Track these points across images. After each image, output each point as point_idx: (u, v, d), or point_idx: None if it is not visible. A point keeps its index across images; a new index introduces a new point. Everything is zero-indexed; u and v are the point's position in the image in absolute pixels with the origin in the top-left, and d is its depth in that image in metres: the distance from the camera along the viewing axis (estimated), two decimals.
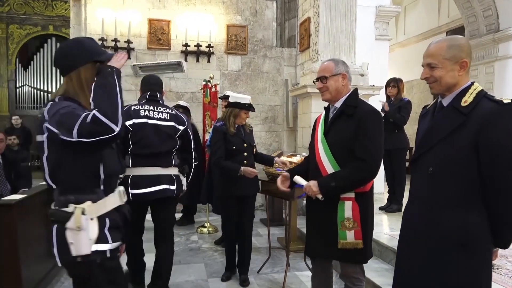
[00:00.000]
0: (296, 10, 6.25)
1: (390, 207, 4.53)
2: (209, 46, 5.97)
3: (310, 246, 2.17)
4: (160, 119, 2.73)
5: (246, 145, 3.23)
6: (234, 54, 6.24)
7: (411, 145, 4.31)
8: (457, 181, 1.46)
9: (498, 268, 2.79)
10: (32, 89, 11.54)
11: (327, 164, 2.01)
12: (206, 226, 4.97)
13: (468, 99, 1.47)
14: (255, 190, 3.35)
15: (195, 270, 3.62)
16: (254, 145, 3.40)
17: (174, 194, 2.74)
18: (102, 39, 5.56)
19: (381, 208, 4.63)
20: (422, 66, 1.58)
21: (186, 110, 4.67)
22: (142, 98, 2.83)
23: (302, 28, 5.81)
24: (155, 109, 2.75)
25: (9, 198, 2.80)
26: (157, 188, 2.65)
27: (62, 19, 11.44)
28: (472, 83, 1.52)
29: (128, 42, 5.68)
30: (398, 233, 1.73)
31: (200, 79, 5.60)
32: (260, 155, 3.46)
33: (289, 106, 6.15)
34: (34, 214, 2.97)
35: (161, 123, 2.72)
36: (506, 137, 1.39)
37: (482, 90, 1.50)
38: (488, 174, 1.42)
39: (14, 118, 8.17)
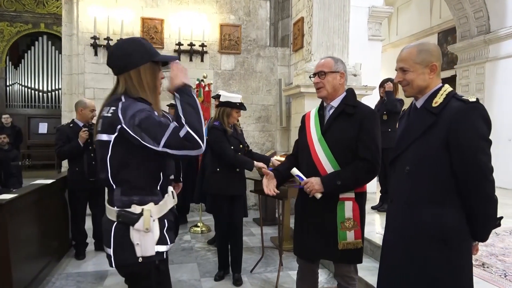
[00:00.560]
0: (289, 10, 6.26)
1: (382, 207, 4.55)
2: (202, 45, 5.95)
3: (305, 248, 2.11)
4: None
5: (241, 145, 3.29)
6: (228, 54, 6.23)
7: None
8: (432, 178, 1.52)
9: (488, 266, 2.83)
10: (22, 87, 11.40)
11: (326, 163, 2.00)
12: (199, 226, 4.96)
13: (438, 100, 1.54)
14: (245, 189, 3.39)
15: (188, 270, 3.61)
16: (246, 145, 3.43)
17: None
18: (94, 38, 5.52)
19: (373, 207, 4.66)
20: (396, 70, 1.65)
21: None
22: None
23: (296, 28, 5.82)
24: None
25: None
26: None
27: (53, 17, 11.31)
28: (442, 85, 1.59)
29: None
30: None
31: (193, 78, 5.57)
32: (255, 155, 3.48)
33: (282, 105, 6.16)
34: (25, 214, 2.94)
35: None
36: (472, 133, 1.45)
37: (452, 91, 1.57)
38: (459, 170, 1.47)
39: (4, 116, 8.06)
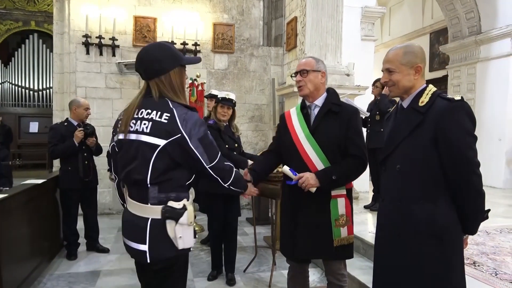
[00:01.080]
0: (283, 9, 6.26)
1: (375, 206, 4.57)
2: (195, 45, 5.93)
3: (297, 248, 2.10)
4: None
5: (237, 145, 3.30)
6: (221, 53, 6.22)
7: None
8: (422, 175, 1.57)
9: (479, 265, 2.86)
10: (13, 86, 11.25)
11: (318, 161, 2.03)
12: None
13: (424, 100, 1.59)
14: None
15: None
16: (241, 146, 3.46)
17: None
18: (86, 36, 5.48)
19: (366, 206, 4.69)
20: (382, 71, 1.70)
21: None
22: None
23: (289, 27, 5.83)
24: None
25: None
26: None
27: (44, 15, 11.17)
28: (427, 85, 1.65)
29: (113, 39, 5.60)
30: None
31: (186, 78, 5.56)
32: (246, 155, 3.48)
33: (275, 105, 6.17)
34: (16, 214, 2.90)
35: None
36: (459, 130, 1.50)
37: (437, 90, 1.64)
38: (448, 166, 1.52)
39: None
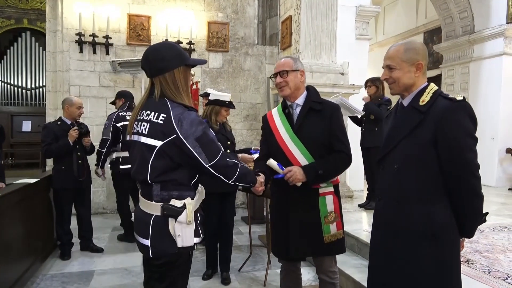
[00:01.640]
0: (277, 8, 6.26)
1: (369, 205, 4.59)
2: (190, 43, 5.91)
3: (290, 248, 2.09)
4: None
5: (229, 142, 3.28)
6: (216, 51, 6.20)
7: None
8: (421, 176, 1.55)
9: (472, 263, 2.88)
10: (5, 84, 11.13)
11: (304, 161, 2.04)
12: None
13: (425, 98, 1.56)
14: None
15: None
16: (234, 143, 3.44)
17: None
18: (79, 34, 5.44)
19: (360, 205, 4.70)
20: (383, 68, 1.67)
21: None
22: (123, 106, 4.25)
23: (284, 26, 5.82)
24: None
25: None
26: None
27: (37, 13, 11.05)
28: (428, 84, 1.61)
29: (106, 37, 5.56)
30: None
31: None
32: (237, 151, 3.51)
33: (270, 104, 6.17)
34: (8, 214, 2.87)
35: None
36: (460, 131, 1.48)
37: (438, 89, 1.60)
38: (447, 168, 1.50)
39: None
